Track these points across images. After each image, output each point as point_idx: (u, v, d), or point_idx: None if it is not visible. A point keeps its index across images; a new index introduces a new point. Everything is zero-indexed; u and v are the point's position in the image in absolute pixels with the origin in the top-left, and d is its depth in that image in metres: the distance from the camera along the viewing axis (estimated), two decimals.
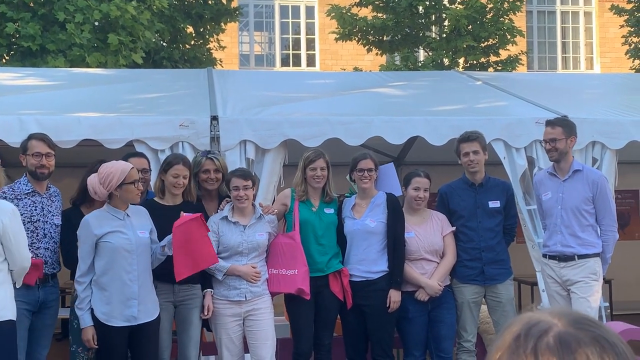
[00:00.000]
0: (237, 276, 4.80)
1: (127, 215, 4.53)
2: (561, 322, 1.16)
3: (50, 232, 4.82)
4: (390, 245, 5.05)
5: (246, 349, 4.93)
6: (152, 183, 5.19)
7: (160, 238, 4.63)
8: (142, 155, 5.27)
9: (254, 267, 4.82)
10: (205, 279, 4.82)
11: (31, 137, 4.84)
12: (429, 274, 5.13)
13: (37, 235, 4.75)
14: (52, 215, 4.85)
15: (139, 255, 4.47)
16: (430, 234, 5.17)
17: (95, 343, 4.44)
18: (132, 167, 4.54)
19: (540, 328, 1.16)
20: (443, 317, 5.15)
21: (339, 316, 5.21)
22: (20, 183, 4.80)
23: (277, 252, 4.96)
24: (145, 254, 4.53)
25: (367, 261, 5.07)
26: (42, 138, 4.81)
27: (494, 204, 5.25)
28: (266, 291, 4.90)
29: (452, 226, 5.25)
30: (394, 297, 5.00)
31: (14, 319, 4.17)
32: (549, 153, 5.28)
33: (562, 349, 1.12)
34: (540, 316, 1.18)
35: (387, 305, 4.99)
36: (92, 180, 4.47)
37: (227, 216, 4.84)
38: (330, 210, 5.14)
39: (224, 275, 4.80)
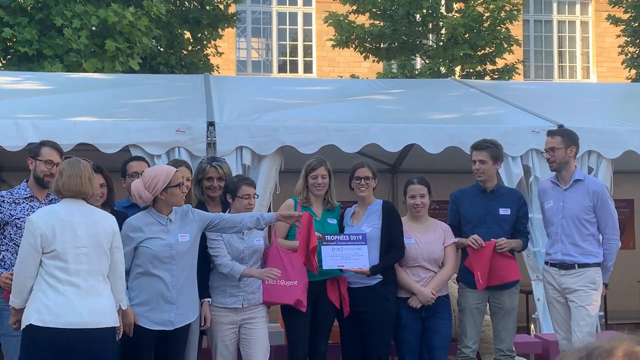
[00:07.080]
0: (235, 284, 4.80)
1: (170, 220, 4.47)
2: (625, 344, 1.16)
3: None
4: (384, 249, 5.04)
5: (240, 356, 4.93)
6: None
7: None
8: (142, 159, 5.28)
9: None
10: (203, 288, 4.79)
11: (44, 144, 4.78)
12: (425, 282, 5.12)
13: None
14: None
15: (179, 260, 4.42)
16: (431, 243, 5.15)
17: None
18: (176, 170, 4.50)
19: (603, 350, 1.16)
20: (437, 326, 5.12)
21: (336, 323, 5.20)
22: (19, 188, 4.79)
23: (276, 262, 4.92)
24: (186, 257, 4.47)
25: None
26: (56, 147, 4.76)
27: (505, 211, 5.25)
28: (261, 299, 4.90)
29: (456, 237, 5.24)
30: (364, 270, 4.94)
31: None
32: (548, 162, 5.30)
33: None
34: (597, 343, 1.18)
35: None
36: (137, 185, 4.43)
37: None
38: (333, 221, 5.16)
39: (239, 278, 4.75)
